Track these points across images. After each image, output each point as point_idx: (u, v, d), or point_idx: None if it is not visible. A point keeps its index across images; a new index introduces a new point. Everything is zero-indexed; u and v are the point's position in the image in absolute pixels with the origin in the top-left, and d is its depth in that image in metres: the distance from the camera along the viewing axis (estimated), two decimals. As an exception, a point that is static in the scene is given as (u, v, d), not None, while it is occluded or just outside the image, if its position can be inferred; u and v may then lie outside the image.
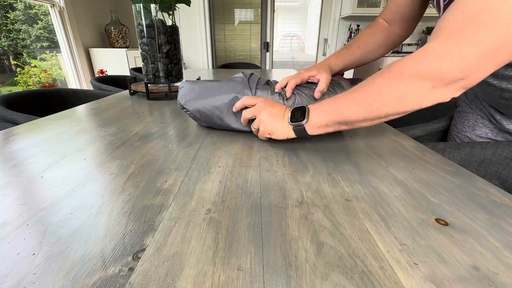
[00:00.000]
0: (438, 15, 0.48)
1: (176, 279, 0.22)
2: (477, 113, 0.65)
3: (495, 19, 0.30)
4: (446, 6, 0.47)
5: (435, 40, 0.35)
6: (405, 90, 0.37)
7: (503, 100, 0.54)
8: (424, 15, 0.62)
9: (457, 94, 0.36)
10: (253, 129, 0.52)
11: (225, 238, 0.26)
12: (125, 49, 2.48)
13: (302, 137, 0.47)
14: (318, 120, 0.44)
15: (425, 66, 0.35)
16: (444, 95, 0.36)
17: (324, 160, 0.44)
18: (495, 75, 0.52)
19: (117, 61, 2.50)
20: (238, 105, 0.51)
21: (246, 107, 0.51)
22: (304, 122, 0.44)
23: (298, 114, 0.45)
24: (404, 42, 3.19)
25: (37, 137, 0.54)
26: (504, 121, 0.58)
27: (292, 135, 0.47)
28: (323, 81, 0.55)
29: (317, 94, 0.53)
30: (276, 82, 0.58)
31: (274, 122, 0.48)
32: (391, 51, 3.22)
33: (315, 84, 0.56)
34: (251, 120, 0.51)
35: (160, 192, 0.35)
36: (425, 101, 0.37)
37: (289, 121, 0.46)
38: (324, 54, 3.43)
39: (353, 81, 0.50)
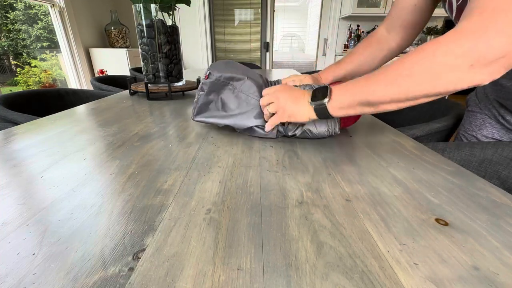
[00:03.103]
0: (445, 15, 0.48)
1: (176, 279, 0.22)
2: (485, 113, 0.65)
3: None
4: (460, 7, 0.46)
5: (466, 20, 0.33)
6: (439, 69, 0.34)
7: None
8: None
9: (497, 75, 0.32)
10: (267, 113, 0.50)
11: (225, 238, 0.26)
12: (125, 49, 2.49)
13: (324, 118, 0.46)
14: (341, 100, 0.42)
15: (461, 44, 0.32)
16: (482, 76, 0.32)
17: (324, 160, 0.44)
18: (511, 77, 0.52)
19: (117, 61, 2.50)
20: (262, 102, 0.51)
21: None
22: (325, 101, 0.43)
23: (320, 94, 0.44)
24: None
25: (37, 137, 0.54)
26: None
27: (313, 116, 0.45)
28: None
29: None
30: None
31: (294, 104, 0.47)
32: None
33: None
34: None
35: (160, 192, 0.35)
36: (460, 82, 0.33)
37: (310, 101, 0.45)
38: (324, 54, 3.42)
39: None
